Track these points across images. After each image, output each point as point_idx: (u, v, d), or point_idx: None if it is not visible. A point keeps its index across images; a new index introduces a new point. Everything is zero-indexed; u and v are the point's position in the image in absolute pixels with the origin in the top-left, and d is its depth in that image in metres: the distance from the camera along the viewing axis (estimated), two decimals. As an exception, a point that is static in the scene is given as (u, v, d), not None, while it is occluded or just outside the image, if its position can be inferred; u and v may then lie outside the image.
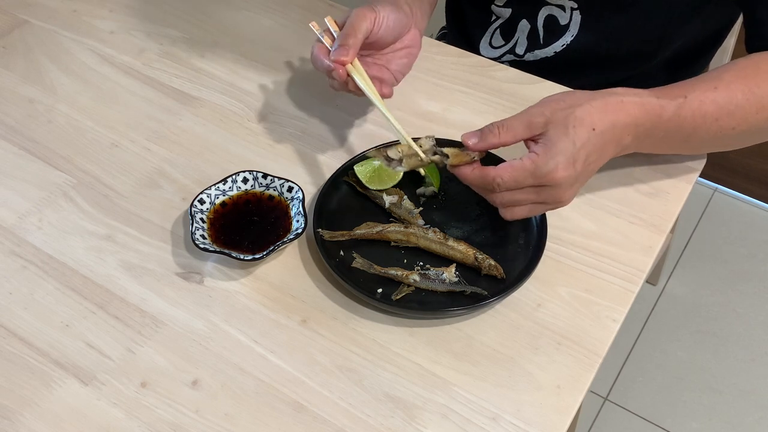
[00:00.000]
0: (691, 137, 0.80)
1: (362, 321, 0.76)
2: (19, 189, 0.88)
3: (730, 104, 0.78)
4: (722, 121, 0.79)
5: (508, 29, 1.07)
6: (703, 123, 0.78)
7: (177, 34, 1.06)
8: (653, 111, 0.76)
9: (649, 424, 1.50)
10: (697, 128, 0.79)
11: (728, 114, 0.78)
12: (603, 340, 0.74)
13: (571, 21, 1.00)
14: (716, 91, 0.78)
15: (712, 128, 0.79)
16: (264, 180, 0.83)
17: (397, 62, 0.88)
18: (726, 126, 0.79)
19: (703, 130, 0.79)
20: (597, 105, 0.73)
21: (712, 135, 0.80)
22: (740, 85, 0.79)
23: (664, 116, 0.76)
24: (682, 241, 1.78)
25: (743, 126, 0.80)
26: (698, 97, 0.78)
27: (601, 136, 0.72)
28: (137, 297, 0.78)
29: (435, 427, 0.69)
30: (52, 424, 0.69)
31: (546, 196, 0.72)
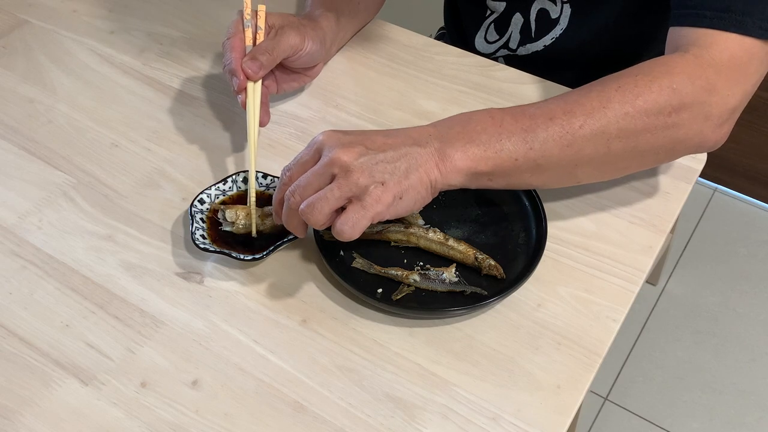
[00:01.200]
0: (530, 141, 0.71)
1: (362, 321, 0.76)
2: (19, 189, 0.88)
3: (563, 103, 0.72)
4: (559, 120, 0.71)
5: (502, 24, 1.07)
6: (533, 123, 0.71)
7: (177, 34, 1.06)
8: (455, 117, 0.73)
9: (649, 424, 1.51)
10: (529, 130, 0.71)
11: (564, 112, 0.71)
12: (603, 340, 0.74)
13: (561, 14, 1.01)
14: (543, 102, 0.73)
15: (551, 129, 0.71)
16: (264, 180, 0.83)
17: (288, 83, 0.92)
18: (569, 125, 0.71)
19: (539, 130, 0.71)
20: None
21: (556, 137, 0.71)
22: (577, 90, 0.74)
23: (472, 118, 0.72)
24: (682, 241, 1.78)
25: (594, 123, 0.71)
26: (519, 107, 0.73)
27: (373, 131, 0.72)
28: (137, 297, 0.78)
29: (435, 427, 0.69)
30: (52, 424, 0.69)
31: (323, 160, 0.68)
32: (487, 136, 0.70)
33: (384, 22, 1.06)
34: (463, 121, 0.72)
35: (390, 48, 1.03)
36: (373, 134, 0.71)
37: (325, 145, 0.69)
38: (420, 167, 0.69)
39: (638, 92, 0.71)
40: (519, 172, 0.72)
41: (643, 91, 0.72)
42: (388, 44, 1.03)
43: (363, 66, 1.01)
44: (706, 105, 0.73)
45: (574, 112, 0.71)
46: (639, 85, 0.72)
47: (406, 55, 1.02)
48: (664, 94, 0.72)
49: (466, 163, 0.70)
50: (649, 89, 0.72)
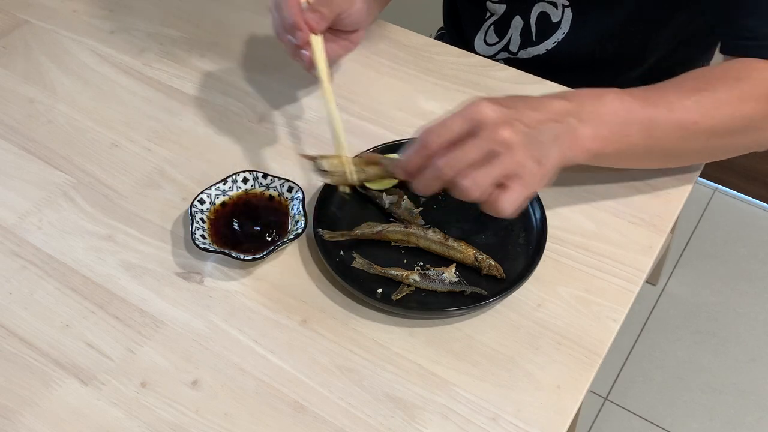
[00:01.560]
0: (650, 130, 0.75)
1: (362, 321, 0.76)
2: (19, 189, 0.88)
3: (682, 98, 0.76)
4: (678, 114, 0.76)
5: (502, 26, 1.07)
6: (656, 112, 0.75)
7: (177, 34, 1.06)
8: (585, 95, 0.74)
9: (649, 424, 1.51)
10: (652, 119, 0.75)
11: (683, 108, 0.76)
12: (603, 340, 0.74)
13: (562, 18, 1.01)
14: (663, 88, 0.77)
15: (671, 120, 0.76)
16: (264, 180, 0.83)
17: (335, 50, 0.89)
18: (685, 120, 0.76)
19: (660, 120, 0.75)
20: (520, 96, 0.73)
21: (673, 129, 0.76)
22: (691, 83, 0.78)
23: (605, 98, 0.73)
24: (682, 241, 1.78)
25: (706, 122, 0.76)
26: (642, 91, 0.76)
27: (523, 98, 0.71)
28: (137, 297, 0.78)
29: (435, 427, 0.69)
30: (52, 424, 0.69)
31: (485, 135, 0.66)
32: (616, 121, 0.73)
33: (384, 22, 1.06)
34: (595, 99, 0.73)
35: (390, 48, 1.03)
36: (524, 108, 0.69)
37: (485, 121, 0.66)
38: (560, 146, 0.70)
39: (744, 97, 0.77)
40: (634, 155, 0.78)
41: (749, 96, 0.78)
42: (388, 44, 1.03)
43: (363, 66, 1.01)
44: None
45: (691, 109, 0.75)
46: (744, 90, 0.78)
47: (406, 55, 1.02)
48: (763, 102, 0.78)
49: (595, 145, 0.72)
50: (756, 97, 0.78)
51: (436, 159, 0.67)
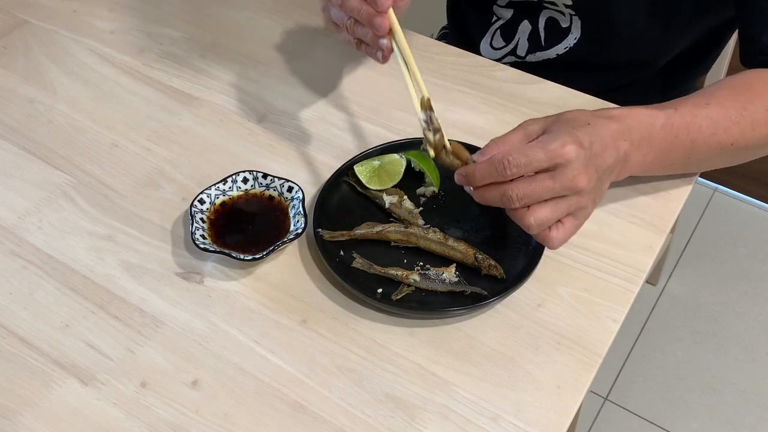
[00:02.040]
0: (691, 152, 0.79)
1: (362, 321, 0.75)
2: (19, 189, 0.88)
3: (725, 120, 0.79)
4: (719, 137, 0.79)
5: (509, 30, 1.07)
6: (699, 136, 0.78)
7: (177, 34, 1.06)
8: (643, 119, 0.75)
9: (649, 424, 1.51)
10: (695, 142, 0.78)
11: (724, 130, 0.79)
12: (603, 340, 0.74)
13: (572, 25, 1.00)
14: (708, 107, 0.79)
15: (711, 143, 0.79)
16: (264, 180, 0.84)
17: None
18: (724, 141, 0.79)
19: (701, 143, 0.79)
20: (588, 111, 0.73)
21: (711, 150, 0.80)
22: (733, 102, 0.79)
23: (656, 125, 0.76)
24: (682, 241, 1.78)
25: (742, 142, 0.80)
26: (690, 111, 0.78)
27: (597, 131, 0.71)
28: (137, 297, 0.78)
29: (435, 427, 0.69)
30: (52, 424, 0.69)
31: (563, 181, 0.67)
32: (663, 147, 0.77)
33: (384, 22, 1.06)
34: (648, 125, 0.75)
35: (390, 48, 1.03)
36: (597, 145, 0.70)
37: (567, 165, 0.67)
38: (611, 174, 0.73)
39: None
40: (666, 170, 0.82)
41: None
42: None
43: (363, 66, 1.01)
44: None
45: (731, 131, 0.79)
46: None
47: (406, 55, 1.02)
48: None
49: (639, 169, 0.77)
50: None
51: (510, 188, 0.67)
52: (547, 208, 0.68)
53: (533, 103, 0.95)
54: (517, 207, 0.68)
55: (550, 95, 0.96)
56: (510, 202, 0.68)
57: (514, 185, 0.67)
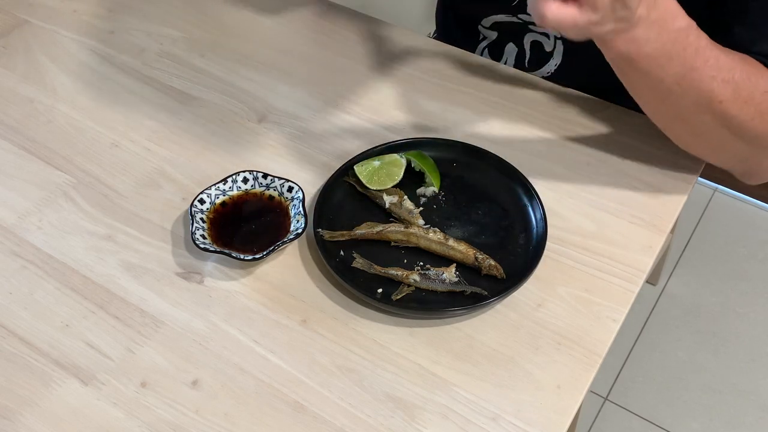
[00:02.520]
0: (684, 77, 0.75)
1: (362, 321, 0.75)
2: (19, 189, 0.88)
3: (729, 72, 0.75)
4: (716, 84, 0.75)
5: (497, 50, 1.07)
6: (701, 66, 0.75)
7: (177, 34, 1.06)
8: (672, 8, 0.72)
9: (649, 424, 1.50)
10: (694, 70, 0.75)
11: (723, 80, 0.75)
12: (603, 340, 0.74)
13: (555, 49, 1.00)
14: (722, 54, 0.75)
15: (705, 83, 0.75)
16: (264, 180, 0.84)
17: None
18: (716, 92, 0.76)
19: (697, 76, 0.75)
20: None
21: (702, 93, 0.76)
22: (743, 67, 0.76)
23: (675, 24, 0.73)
24: (682, 241, 1.78)
25: (729, 107, 0.76)
26: (706, 41, 0.75)
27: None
28: (137, 297, 0.78)
29: (435, 427, 0.69)
30: (52, 424, 0.69)
31: None
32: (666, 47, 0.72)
33: (384, 22, 1.06)
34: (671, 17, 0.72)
35: (390, 48, 1.03)
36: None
37: None
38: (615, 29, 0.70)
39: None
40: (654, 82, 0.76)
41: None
42: (389, 44, 1.03)
43: (363, 66, 1.01)
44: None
45: (727, 87, 0.75)
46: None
47: (406, 55, 1.02)
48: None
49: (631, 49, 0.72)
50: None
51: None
52: None
53: (533, 103, 0.95)
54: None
55: (549, 95, 0.96)
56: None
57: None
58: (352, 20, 1.07)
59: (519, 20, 1.00)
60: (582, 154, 0.90)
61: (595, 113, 0.94)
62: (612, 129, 0.92)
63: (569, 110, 0.94)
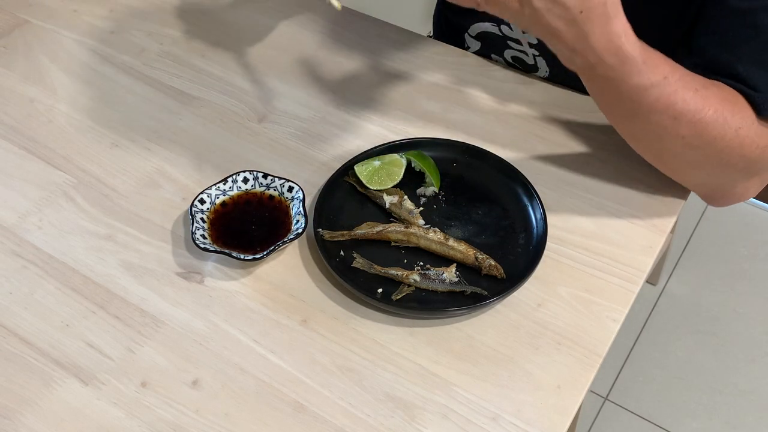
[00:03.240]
0: (638, 114, 0.73)
1: (362, 321, 0.76)
2: (19, 189, 0.88)
3: (697, 114, 0.73)
4: (678, 124, 0.73)
5: (484, 58, 1.07)
6: (662, 110, 0.72)
7: (177, 34, 1.06)
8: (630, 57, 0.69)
9: (649, 424, 1.51)
10: (652, 112, 0.73)
11: (689, 122, 0.73)
12: (603, 340, 0.74)
13: (537, 63, 1.00)
14: (696, 93, 0.73)
15: (664, 122, 0.73)
16: (264, 180, 0.84)
17: None
18: (678, 131, 0.74)
19: (655, 116, 0.73)
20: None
21: (660, 128, 0.74)
22: (716, 103, 0.73)
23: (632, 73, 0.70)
24: (682, 241, 1.78)
25: (692, 141, 0.74)
26: (675, 85, 0.72)
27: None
28: (137, 297, 0.78)
29: (435, 427, 0.69)
30: (52, 424, 0.69)
31: None
32: (640, 48, 0.70)
33: (384, 22, 1.06)
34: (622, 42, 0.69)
35: (390, 48, 1.03)
36: None
37: None
38: (588, 17, 0.67)
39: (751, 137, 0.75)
40: (617, 98, 0.73)
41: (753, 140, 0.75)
42: (389, 44, 1.03)
43: (363, 66, 1.01)
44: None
45: (708, 104, 0.73)
46: (743, 118, 0.74)
47: (406, 55, 1.02)
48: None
49: (604, 45, 0.69)
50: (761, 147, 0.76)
51: None
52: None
53: (533, 103, 0.95)
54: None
55: (549, 95, 0.96)
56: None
57: None
58: (352, 20, 1.07)
59: (500, 33, 0.99)
60: (582, 154, 0.90)
61: (595, 113, 0.94)
62: (612, 129, 0.92)
63: (569, 110, 0.94)
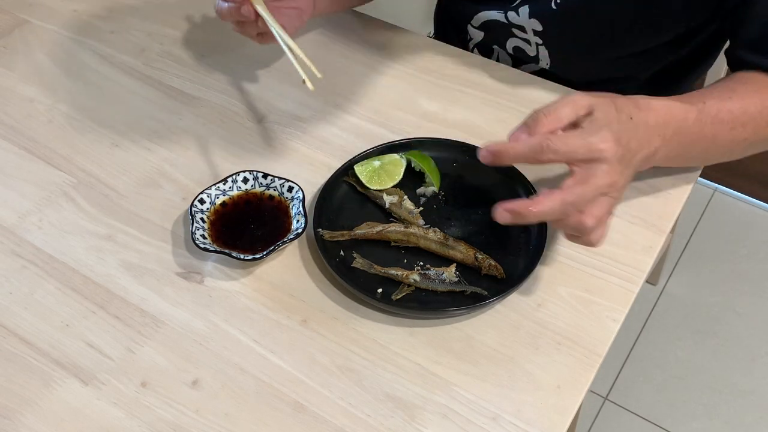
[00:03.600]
0: (710, 146, 0.80)
1: (362, 321, 0.76)
2: (19, 189, 0.88)
3: (744, 115, 0.79)
4: (736, 132, 0.80)
5: (486, 50, 1.07)
6: (720, 131, 0.79)
7: (177, 34, 1.06)
8: (678, 114, 0.75)
9: (649, 424, 1.51)
10: (716, 136, 0.79)
11: (742, 124, 0.79)
12: (603, 340, 0.74)
13: (539, 54, 1.00)
14: (731, 101, 0.79)
15: (728, 137, 0.80)
16: (264, 180, 0.84)
17: (284, 18, 0.88)
18: (739, 137, 0.80)
19: (720, 138, 0.80)
20: (631, 100, 0.72)
21: (726, 144, 0.81)
22: (754, 97, 0.80)
23: (688, 119, 0.76)
24: (682, 241, 1.78)
25: (754, 138, 0.81)
26: (715, 105, 0.78)
27: (636, 129, 0.71)
28: (137, 297, 0.78)
29: (435, 427, 0.69)
30: (52, 424, 0.69)
31: (604, 185, 0.67)
32: (688, 141, 0.77)
33: (384, 22, 1.06)
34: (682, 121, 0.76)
35: (390, 48, 1.03)
36: (637, 148, 0.71)
37: (605, 159, 0.67)
38: (634, 169, 0.73)
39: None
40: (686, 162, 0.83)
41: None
42: (389, 44, 1.03)
43: (363, 66, 1.01)
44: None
45: (747, 127, 0.80)
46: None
47: (406, 55, 1.02)
48: None
49: (661, 162, 0.77)
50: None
51: (570, 204, 0.67)
52: (596, 206, 0.68)
53: (533, 103, 0.95)
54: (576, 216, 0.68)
55: (549, 95, 0.96)
56: (570, 212, 0.67)
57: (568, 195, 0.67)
58: (352, 20, 1.07)
59: (506, 21, 1.00)
60: (582, 154, 0.90)
61: (595, 113, 0.94)
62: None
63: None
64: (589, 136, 0.67)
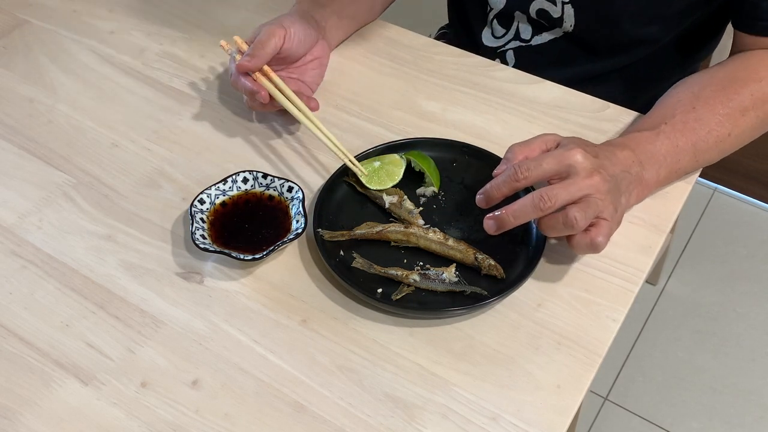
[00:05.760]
0: (696, 154, 0.84)
1: (362, 321, 0.76)
2: (19, 189, 0.88)
3: (714, 115, 0.84)
4: (715, 132, 0.84)
5: (505, 19, 1.07)
6: (697, 138, 0.83)
7: (177, 34, 1.06)
8: (643, 140, 0.81)
9: (649, 424, 1.51)
10: (696, 144, 0.83)
11: (717, 123, 0.84)
12: (603, 340, 0.74)
13: (563, 14, 1.00)
14: (696, 110, 0.84)
15: (710, 140, 0.84)
16: (264, 180, 0.84)
17: (310, 73, 0.94)
18: (721, 134, 0.84)
19: (701, 143, 0.84)
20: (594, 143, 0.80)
21: (712, 145, 0.84)
22: (718, 97, 0.85)
23: (656, 143, 0.82)
24: (682, 241, 1.78)
25: (737, 130, 0.85)
26: (680, 120, 0.83)
27: (608, 153, 0.78)
28: (137, 297, 0.78)
29: (435, 427, 0.69)
30: (52, 424, 0.69)
31: (582, 186, 0.72)
32: (669, 158, 0.82)
33: (384, 22, 1.06)
34: (649, 143, 0.82)
35: (390, 48, 1.03)
36: (604, 158, 0.76)
37: (577, 166, 0.73)
38: (630, 193, 0.79)
39: (765, 98, 0.86)
40: (683, 173, 0.86)
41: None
42: (388, 44, 1.03)
43: (363, 66, 1.01)
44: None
45: (724, 124, 0.84)
46: (765, 91, 0.86)
47: (406, 55, 1.02)
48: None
49: (656, 185, 0.83)
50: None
51: (541, 198, 0.72)
52: (581, 205, 0.72)
53: (533, 103, 0.95)
54: (551, 209, 0.72)
55: (549, 95, 0.96)
56: (544, 206, 0.72)
57: (533, 195, 0.73)
58: (352, 20, 1.07)
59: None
60: (582, 154, 0.90)
61: (595, 113, 0.94)
62: (612, 129, 0.92)
63: (569, 110, 0.94)
64: (559, 154, 0.74)
